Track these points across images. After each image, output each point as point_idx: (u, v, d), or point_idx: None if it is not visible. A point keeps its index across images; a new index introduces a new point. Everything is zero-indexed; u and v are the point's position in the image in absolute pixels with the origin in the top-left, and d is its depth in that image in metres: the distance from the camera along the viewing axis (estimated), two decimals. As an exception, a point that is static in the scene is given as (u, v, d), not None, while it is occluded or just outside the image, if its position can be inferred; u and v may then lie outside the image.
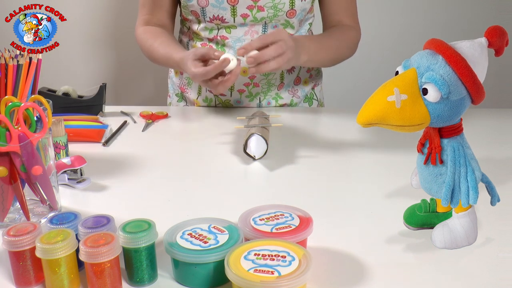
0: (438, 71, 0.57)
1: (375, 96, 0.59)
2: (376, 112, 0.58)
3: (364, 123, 0.59)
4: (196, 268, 0.58)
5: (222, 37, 1.24)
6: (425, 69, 0.58)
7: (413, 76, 0.58)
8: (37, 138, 0.71)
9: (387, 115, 0.57)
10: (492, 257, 0.65)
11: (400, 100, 0.57)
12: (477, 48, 0.59)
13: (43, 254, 0.57)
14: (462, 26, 1.96)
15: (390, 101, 0.57)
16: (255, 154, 0.96)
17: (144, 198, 0.84)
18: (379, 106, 0.57)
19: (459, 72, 0.57)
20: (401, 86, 0.58)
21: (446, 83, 0.57)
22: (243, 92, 1.29)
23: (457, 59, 0.57)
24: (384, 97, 0.57)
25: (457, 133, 0.61)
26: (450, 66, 0.57)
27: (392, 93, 0.57)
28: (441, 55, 0.58)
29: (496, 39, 0.60)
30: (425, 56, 0.59)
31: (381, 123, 0.58)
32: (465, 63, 0.57)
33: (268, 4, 1.19)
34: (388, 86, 0.58)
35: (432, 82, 0.57)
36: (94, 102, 1.20)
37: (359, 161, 0.98)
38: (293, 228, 0.63)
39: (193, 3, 1.20)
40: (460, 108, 0.59)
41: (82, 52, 1.99)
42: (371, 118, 0.58)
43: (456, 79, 0.57)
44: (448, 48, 0.58)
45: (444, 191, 0.61)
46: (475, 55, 0.59)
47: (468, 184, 0.60)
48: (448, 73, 0.57)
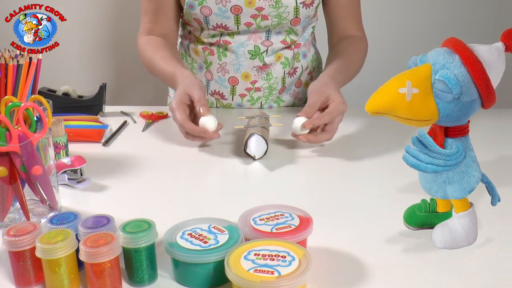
0: (453, 70, 0.57)
1: (387, 86, 0.58)
2: (386, 102, 0.58)
3: (372, 111, 0.58)
4: (196, 268, 0.58)
5: (225, 41, 1.23)
6: (440, 66, 0.58)
7: (428, 71, 0.58)
8: (37, 138, 0.71)
9: (396, 106, 0.57)
10: (492, 257, 0.65)
11: (411, 93, 0.57)
12: (494, 52, 0.59)
13: (43, 254, 0.57)
14: (462, 26, 1.96)
15: (401, 93, 0.57)
16: (255, 154, 0.96)
17: (144, 198, 0.84)
18: (390, 96, 0.57)
19: (473, 74, 0.57)
20: (414, 79, 0.58)
21: (459, 83, 0.57)
22: (245, 96, 1.29)
23: (474, 61, 0.57)
24: (395, 88, 0.57)
25: (463, 134, 0.61)
26: (465, 67, 0.57)
27: (405, 85, 0.57)
28: (458, 55, 0.58)
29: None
30: (442, 53, 0.59)
31: (389, 114, 0.58)
32: (481, 66, 0.57)
33: (272, 13, 1.18)
34: (401, 78, 0.58)
35: (445, 80, 0.57)
36: (94, 102, 1.20)
37: (359, 161, 0.98)
38: (293, 228, 0.63)
39: (196, 11, 1.18)
40: (470, 110, 0.59)
41: (82, 52, 1.99)
42: (380, 107, 0.58)
43: (470, 80, 0.57)
44: (466, 49, 0.58)
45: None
46: (492, 59, 0.58)
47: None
48: (463, 74, 0.57)
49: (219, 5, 1.16)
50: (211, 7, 1.16)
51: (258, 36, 1.22)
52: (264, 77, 1.27)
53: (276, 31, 1.23)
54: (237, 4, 1.16)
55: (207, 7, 1.16)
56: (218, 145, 1.04)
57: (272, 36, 1.23)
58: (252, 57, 1.24)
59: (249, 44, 1.23)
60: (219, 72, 1.27)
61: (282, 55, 1.26)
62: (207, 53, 1.27)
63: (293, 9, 1.18)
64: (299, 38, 1.27)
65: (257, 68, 1.25)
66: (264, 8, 1.16)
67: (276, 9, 1.17)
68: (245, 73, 1.25)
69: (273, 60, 1.25)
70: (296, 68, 1.30)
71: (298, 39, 1.27)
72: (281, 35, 1.24)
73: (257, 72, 1.26)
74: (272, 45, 1.24)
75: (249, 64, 1.25)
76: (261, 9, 1.17)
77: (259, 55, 1.24)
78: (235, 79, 1.27)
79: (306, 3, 1.18)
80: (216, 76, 1.28)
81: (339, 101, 1.00)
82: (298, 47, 1.28)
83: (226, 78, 1.27)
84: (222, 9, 1.16)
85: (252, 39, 1.22)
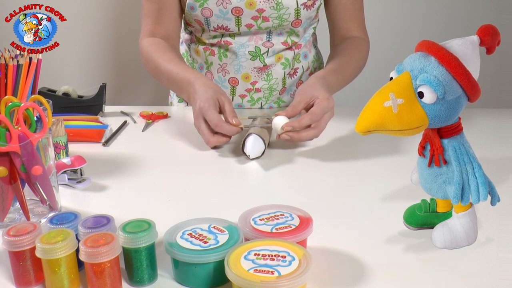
0: (432, 72, 0.57)
1: (371, 103, 0.59)
2: (374, 119, 0.58)
3: (363, 131, 0.59)
4: (196, 268, 0.58)
5: (226, 42, 1.23)
6: (419, 71, 0.58)
7: (408, 79, 0.58)
8: (37, 138, 0.71)
9: (385, 121, 0.58)
10: (492, 257, 0.65)
11: (397, 104, 0.57)
12: (469, 45, 0.59)
13: (43, 254, 0.57)
14: (462, 26, 1.96)
15: (386, 106, 0.57)
16: (250, 154, 0.96)
17: (144, 198, 0.84)
18: (376, 112, 0.58)
19: (452, 71, 0.57)
20: (397, 90, 0.58)
21: (441, 83, 0.57)
22: (245, 97, 1.29)
23: (450, 59, 0.57)
24: (380, 103, 0.58)
25: (456, 132, 0.61)
26: (443, 66, 0.57)
27: (388, 98, 0.57)
28: (433, 56, 0.58)
29: (489, 37, 0.60)
30: (417, 58, 0.59)
31: (380, 130, 0.58)
32: (458, 61, 0.57)
33: (273, 15, 1.17)
34: (383, 92, 0.58)
35: (427, 84, 0.57)
36: (94, 102, 1.20)
37: (359, 161, 0.98)
38: (293, 228, 0.63)
39: (197, 13, 1.18)
40: (457, 107, 0.59)
41: (82, 52, 1.99)
42: (370, 125, 0.58)
43: (451, 78, 0.57)
44: (440, 48, 0.58)
45: (454, 190, 0.60)
46: (467, 53, 0.59)
47: (477, 181, 0.60)
48: (442, 73, 0.57)
49: (220, 6, 1.16)
50: (211, 9, 1.16)
51: (259, 37, 1.22)
52: (264, 78, 1.27)
53: (277, 32, 1.22)
54: (238, 6, 1.15)
55: (207, 9, 1.16)
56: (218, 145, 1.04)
57: (273, 37, 1.23)
58: (253, 58, 1.24)
59: (250, 45, 1.23)
60: (219, 73, 1.27)
61: (283, 56, 1.26)
62: (208, 54, 1.27)
63: (294, 11, 1.17)
64: (300, 39, 1.27)
65: (257, 69, 1.25)
66: (265, 10, 1.16)
67: (277, 11, 1.17)
68: (246, 74, 1.25)
69: (273, 61, 1.25)
70: (297, 69, 1.30)
71: (299, 40, 1.27)
72: (282, 36, 1.24)
73: (257, 73, 1.26)
74: (273, 46, 1.24)
75: (250, 65, 1.25)
76: (262, 10, 1.16)
77: (259, 56, 1.24)
78: (235, 79, 1.27)
79: (307, 4, 1.18)
80: (217, 77, 1.28)
81: (323, 98, 0.99)
82: (299, 48, 1.28)
83: (227, 79, 1.27)
84: (223, 10, 1.16)
85: (253, 40, 1.22)
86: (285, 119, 0.97)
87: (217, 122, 0.97)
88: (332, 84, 1.11)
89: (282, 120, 0.97)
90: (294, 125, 0.96)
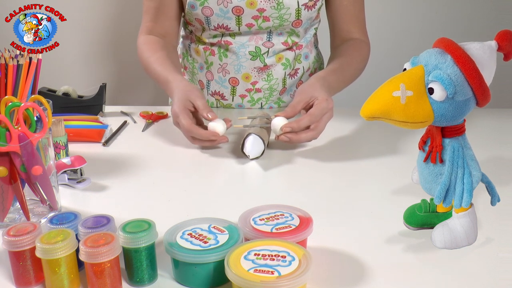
0: (445, 70, 0.57)
1: (381, 90, 0.58)
2: (381, 106, 0.58)
3: (368, 116, 0.59)
4: (196, 268, 0.59)
5: (226, 42, 1.23)
6: (433, 67, 0.58)
7: (420, 73, 0.58)
8: (37, 138, 0.71)
9: (391, 110, 0.57)
10: (492, 257, 0.65)
11: (406, 96, 0.57)
12: (487, 50, 0.59)
13: (43, 254, 0.57)
14: (462, 26, 1.96)
15: (395, 96, 0.57)
16: (250, 154, 0.96)
17: (144, 198, 0.84)
18: (384, 100, 0.58)
19: (466, 73, 0.57)
20: (408, 82, 0.58)
21: (453, 83, 0.57)
22: (245, 97, 1.29)
23: (466, 60, 0.57)
24: (389, 92, 0.57)
25: (459, 133, 0.61)
26: (458, 67, 0.57)
27: (398, 88, 0.57)
28: (450, 54, 0.58)
29: (507, 43, 0.60)
30: (434, 54, 0.59)
31: (385, 118, 0.58)
32: (473, 64, 0.57)
33: (273, 15, 1.17)
34: (394, 81, 0.58)
35: (439, 81, 0.57)
36: (94, 102, 1.20)
37: (359, 161, 0.98)
38: (293, 228, 0.63)
39: (197, 11, 1.18)
40: (465, 109, 0.59)
41: (82, 52, 1.99)
42: (375, 111, 0.58)
43: (463, 79, 0.57)
44: (458, 48, 0.58)
45: (439, 189, 0.61)
46: (484, 57, 0.59)
47: (464, 187, 0.60)
48: (456, 73, 0.57)
49: (221, 5, 1.16)
50: (212, 8, 1.16)
51: (259, 37, 1.22)
52: (265, 78, 1.26)
53: (277, 32, 1.22)
54: (239, 5, 1.15)
55: (208, 8, 1.16)
56: (218, 145, 1.04)
57: (274, 37, 1.23)
58: (253, 58, 1.24)
59: (250, 45, 1.23)
60: (219, 73, 1.27)
61: (283, 56, 1.26)
62: (208, 53, 1.27)
63: (294, 11, 1.17)
64: (301, 40, 1.27)
65: (257, 69, 1.25)
66: (265, 10, 1.16)
67: (277, 11, 1.17)
68: (246, 74, 1.25)
69: (273, 61, 1.25)
70: (298, 69, 1.30)
71: (300, 40, 1.27)
72: (283, 36, 1.24)
73: (258, 73, 1.26)
74: (273, 46, 1.24)
75: (250, 65, 1.24)
76: (263, 10, 1.16)
77: (260, 56, 1.24)
78: (235, 79, 1.27)
79: (308, 5, 1.18)
80: (217, 77, 1.28)
81: (322, 98, 0.99)
82: (300, 48, 1.28)
83: (227, 79, 1.27)
84: (224, 9, 1.16)
85: (253, 40, 1.22)
86: (284, 120, 0.97)
87: (187, 128, 0.97)
88: (333, 84, 1.11)
89: (281, 121, 0.97)
90: (293, 126, 0.96)
